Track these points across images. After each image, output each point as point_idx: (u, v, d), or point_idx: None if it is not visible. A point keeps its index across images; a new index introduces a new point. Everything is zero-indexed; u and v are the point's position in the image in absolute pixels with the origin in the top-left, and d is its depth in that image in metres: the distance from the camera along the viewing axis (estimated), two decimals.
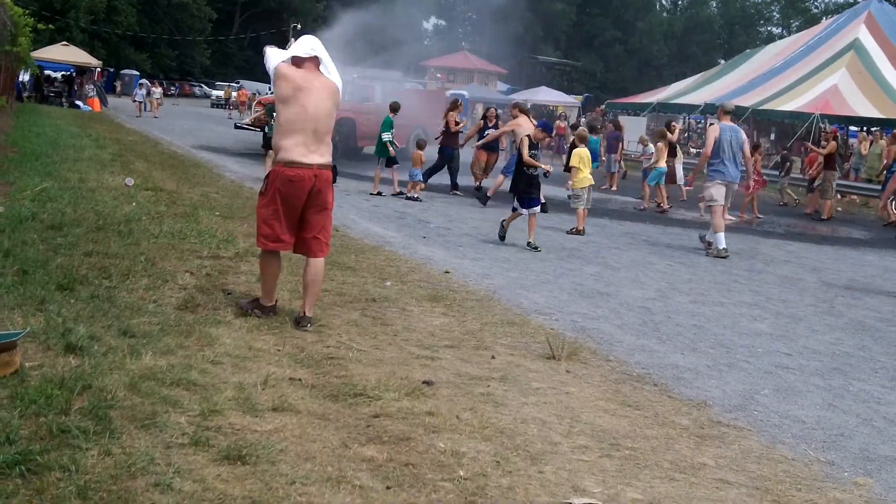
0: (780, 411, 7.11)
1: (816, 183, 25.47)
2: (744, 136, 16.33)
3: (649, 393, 7.20)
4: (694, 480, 5.43)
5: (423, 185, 20.47)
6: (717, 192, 15.78)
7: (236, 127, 28.82)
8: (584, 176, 16.91)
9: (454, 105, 23.71)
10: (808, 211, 25.49)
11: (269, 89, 55.82)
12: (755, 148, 22.58)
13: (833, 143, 25.43)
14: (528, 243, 14.21)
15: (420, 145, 21.17)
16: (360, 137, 27.91)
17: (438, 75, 30.52)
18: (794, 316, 11.12)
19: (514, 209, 14.61)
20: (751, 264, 14.97)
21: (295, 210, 7.84)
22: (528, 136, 15.08)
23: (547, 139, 17.02)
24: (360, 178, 22.91)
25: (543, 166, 14.79)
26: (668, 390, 7.34)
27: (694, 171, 18.33)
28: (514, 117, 20.33)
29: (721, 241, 15.55)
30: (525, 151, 14.53)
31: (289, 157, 7.69)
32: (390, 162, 20.82)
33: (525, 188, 14.58)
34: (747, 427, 6.61)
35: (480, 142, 22.50)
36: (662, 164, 23.11)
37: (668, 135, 24.23)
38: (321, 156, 7.85)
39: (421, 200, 19.60)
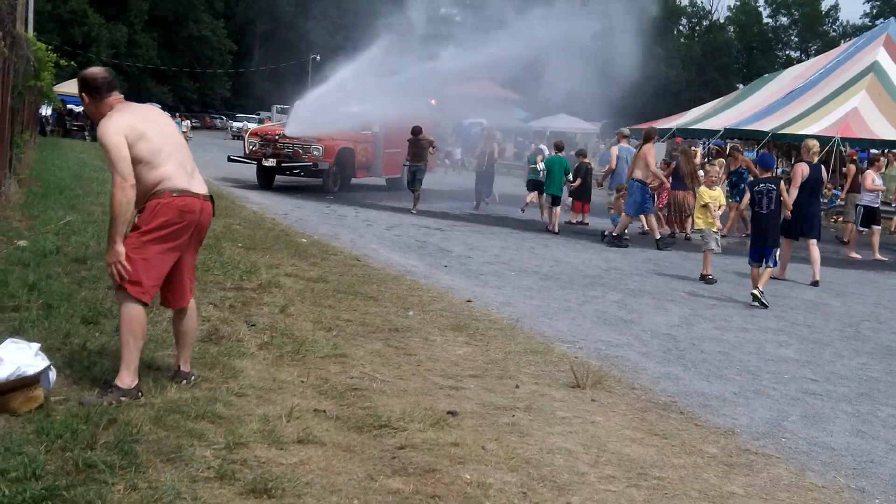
0: (809, 438, 7.06)
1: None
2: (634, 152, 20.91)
3: (676, 421, 7.15)
4: None
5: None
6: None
7: (230, 160, 28.20)
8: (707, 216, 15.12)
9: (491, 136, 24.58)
10: (845, 239, 25.11)
11: (265, 119, 54.85)
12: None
13: (852, 166, 25.35)
14: (762, 293, 13.13)
15: (619, 189, 21.08)
16: (357, 167, 27.90)
17: (432, 101, 30.34)
18: (820, 341, 11.04)
19: (774, 264, 13.47)
20: (775, 289, 14.88)
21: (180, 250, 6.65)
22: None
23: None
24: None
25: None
26: (695, 418, 7.30)
27: (599, 180, 23.01)
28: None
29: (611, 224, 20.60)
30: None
31: (178, 185, 6.47)
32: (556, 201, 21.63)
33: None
34: (776, 454, 6.56)
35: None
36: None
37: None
38: (202, 186, 6.76)
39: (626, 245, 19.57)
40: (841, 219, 26.40)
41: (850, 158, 26.63)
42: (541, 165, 22.52)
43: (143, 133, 6.33)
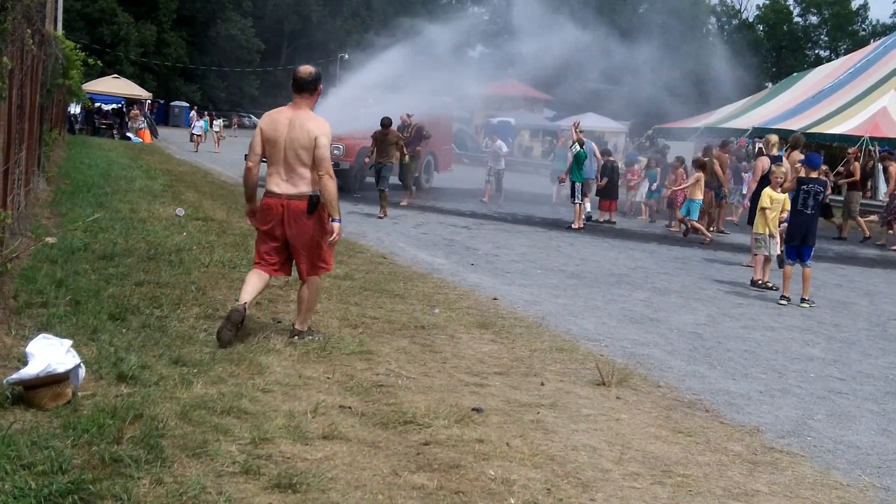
0: (834, 437, 7.04)
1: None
2: (594, 146, 24.77)
3: (701, 419, 7.14)
4: None
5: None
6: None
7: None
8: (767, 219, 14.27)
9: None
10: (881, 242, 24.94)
11: None
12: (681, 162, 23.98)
13: (856, 164, 25.31)
14: (809, 301, 13.30)
15: None
16: None
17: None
18: (847, 340, 10.99)
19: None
20: (801, 288, 14.83)
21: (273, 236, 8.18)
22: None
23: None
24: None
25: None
26: (720, 416, 7.28)
27: (561, 176, 24.63)
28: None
29: (587, 207, 23.05)
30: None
31: (267, 187, 8.18)
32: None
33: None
34: (801, 453, 6.54)
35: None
36: (699, 196, 21.23)
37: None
38: (293, 186, 8.06)
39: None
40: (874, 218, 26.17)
41: (855, 156, 26.46)
42: (576, 147, 22.25)
43: (268, 138, 8.11)
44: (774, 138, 18.07)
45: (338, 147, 25.07)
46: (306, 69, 8.28)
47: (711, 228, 22.42)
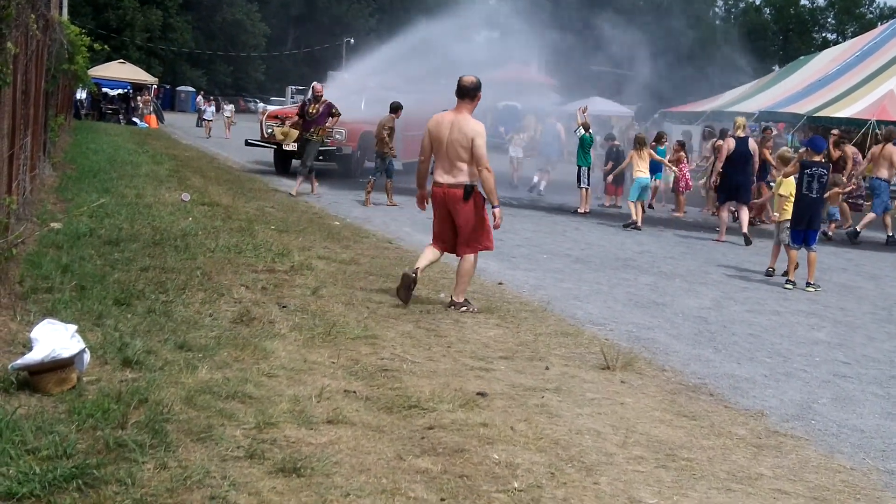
0: (839, 420, 7.04)
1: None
2: (559, 128, 26.69)
3: (705, 403, 7.14)
4: (751, 491, 5.37)
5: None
6: (540, 163, 26.28)
7: (247, 143, 26.99)
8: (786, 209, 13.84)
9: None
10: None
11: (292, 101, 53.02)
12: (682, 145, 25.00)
13: (845, 145, 25.23)
14: (815, 285, 13.18)
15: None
16: None
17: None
18: (852, 324, 10.98)
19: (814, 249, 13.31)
20: (807, 272, 14.80)
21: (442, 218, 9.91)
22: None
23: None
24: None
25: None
26: (725, 400, 7.29)
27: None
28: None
29: (541, 185, 25.76)
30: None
31: (434, 178, 9.80)
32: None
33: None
34: (805, 437, 6.54)
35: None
36: (641, 175, 19.87)
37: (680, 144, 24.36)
38: (453, 177, 9.61)
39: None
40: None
41: (838, 138, 26.20)
42: (581, 131, 22.03)
43: (434, 138, 9.69)
44: (741, 120, 19.04)
45: (340, 131, 24.50)
46: (469, 78, 9.76)
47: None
